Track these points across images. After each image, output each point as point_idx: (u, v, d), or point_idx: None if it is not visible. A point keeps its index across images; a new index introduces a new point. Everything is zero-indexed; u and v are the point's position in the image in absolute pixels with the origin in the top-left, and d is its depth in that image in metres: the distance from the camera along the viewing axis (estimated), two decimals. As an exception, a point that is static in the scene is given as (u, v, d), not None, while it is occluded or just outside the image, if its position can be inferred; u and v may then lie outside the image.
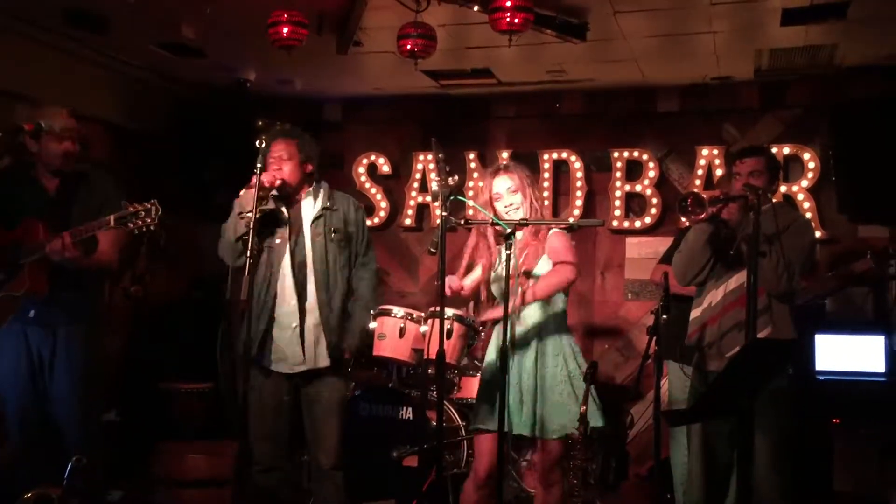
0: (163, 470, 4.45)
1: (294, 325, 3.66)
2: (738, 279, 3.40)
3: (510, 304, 3.20)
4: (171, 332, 5.54)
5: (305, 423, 3.79)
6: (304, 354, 3.67)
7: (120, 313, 5.36)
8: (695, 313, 3.55)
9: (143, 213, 3.25)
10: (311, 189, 3.81)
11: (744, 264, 3.27)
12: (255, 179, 3.44)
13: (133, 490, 4.52)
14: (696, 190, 3.46)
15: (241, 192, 3.54)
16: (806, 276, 3.79)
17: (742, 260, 3.34)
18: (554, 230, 3.53)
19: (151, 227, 3.27)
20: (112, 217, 3.28)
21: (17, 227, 3.50)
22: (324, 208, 3.76)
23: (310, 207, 3.78)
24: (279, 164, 3.68)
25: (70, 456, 3.22)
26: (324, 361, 3.70)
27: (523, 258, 3.48)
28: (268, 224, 3.70)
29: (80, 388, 3.61)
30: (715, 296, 3.48)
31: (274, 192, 3.63)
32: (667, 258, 4.39)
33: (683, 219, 3.38)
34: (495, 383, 3.33)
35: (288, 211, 3.73)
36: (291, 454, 4.02)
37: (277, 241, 3.70)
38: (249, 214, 3.38)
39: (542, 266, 3.48)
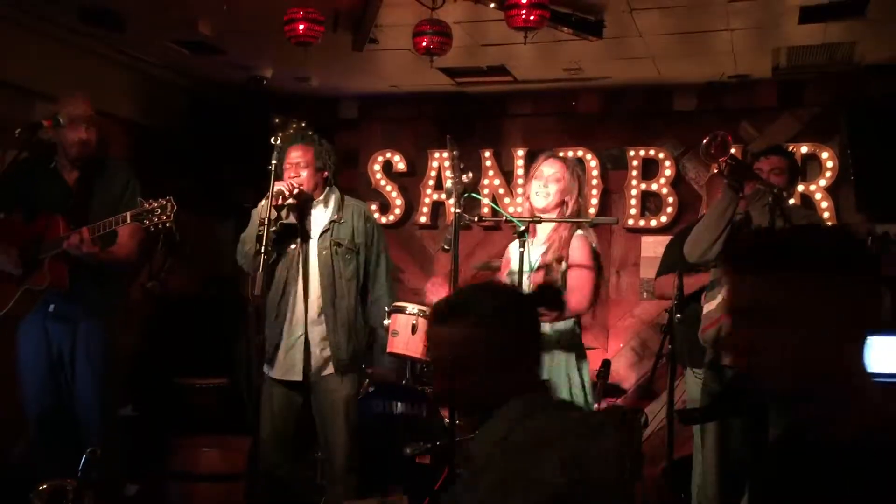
0: (177, 464, 4.48)
1: (300, 334, 3.68)
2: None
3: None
4: (187, 329, 5.56)
5: (317, 425, 3.81)
6: (307, 366, 3.69)
7: (136, 309, 5.39)
8: (709, 307, 3.50)
9: (158, 209, 3.25)
10: (322, 196, 3.81)
11: None
12: (279, 185, 3.53)
13: (148, 484, 4.54)
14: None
15: (261, 203, 3.55)
16: None
17: None
18: (577, 233, 3.53)
19: (167, 224, 3.27)
20: (129, 214, 3.30)
21: (38, 221, 3.51)
22: (331, 221, 3.77)
23: (320, 217, 3.79)
24: (296, 171, 3.71)
25: (86, 449, 3.22)
26: (328, 371, 3.73)
27: (549, 251, 3.48)
28: (283, 232, 3.71)
29: (99, 383, 3.63)
30: (729, 290, 3.44)
31: (290, 200, 3.64)
32: (662, 270, 4.36)
33: (704, 158, 3.29)
34: None
35: (301, 219, 3.74)
36: (297, 453, 4.03)
37: (292, 246, 3.72)
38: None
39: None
